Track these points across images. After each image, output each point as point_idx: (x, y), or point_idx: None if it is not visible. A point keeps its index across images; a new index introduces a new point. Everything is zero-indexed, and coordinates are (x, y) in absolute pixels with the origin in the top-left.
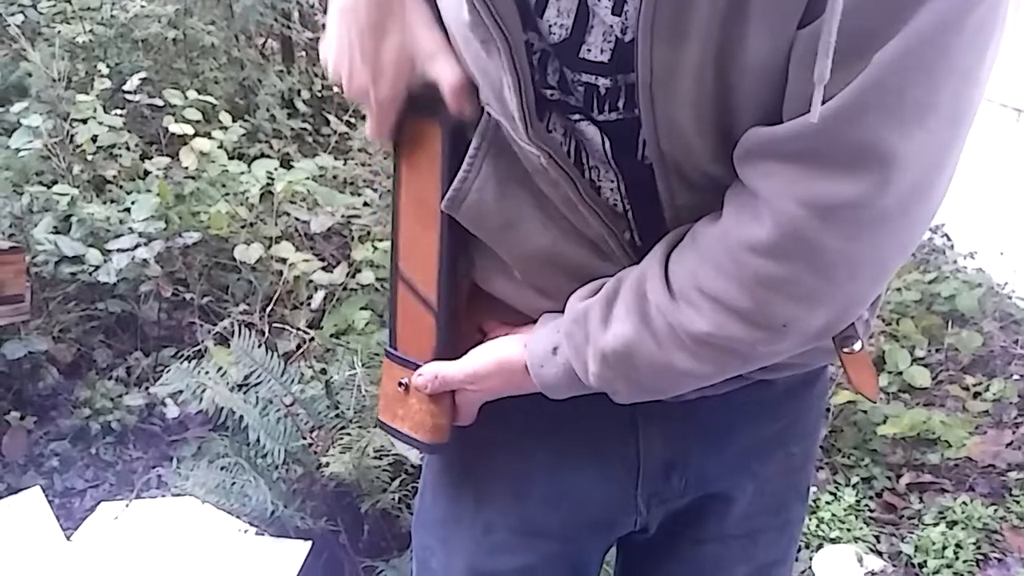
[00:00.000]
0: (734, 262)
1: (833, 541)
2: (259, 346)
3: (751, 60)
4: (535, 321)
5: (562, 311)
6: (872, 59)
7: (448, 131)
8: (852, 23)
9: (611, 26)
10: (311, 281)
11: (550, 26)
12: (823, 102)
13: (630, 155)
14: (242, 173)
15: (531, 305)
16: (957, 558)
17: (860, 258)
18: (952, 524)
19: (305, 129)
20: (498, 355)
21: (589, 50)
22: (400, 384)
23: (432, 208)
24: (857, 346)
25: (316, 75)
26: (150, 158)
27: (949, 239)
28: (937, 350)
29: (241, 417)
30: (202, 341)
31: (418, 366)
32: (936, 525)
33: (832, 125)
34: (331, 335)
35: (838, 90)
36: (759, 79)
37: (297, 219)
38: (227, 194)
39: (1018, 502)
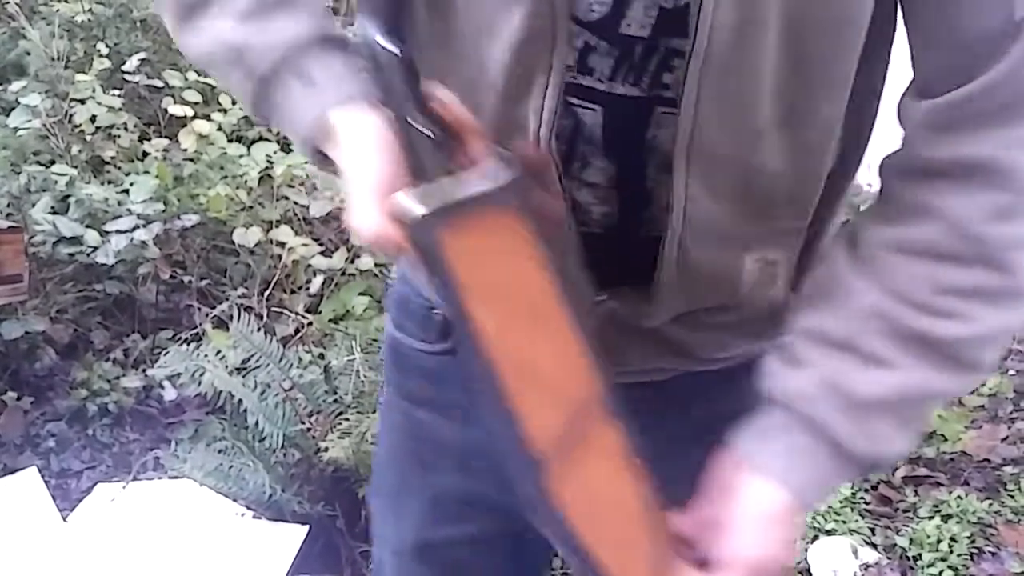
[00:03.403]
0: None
1: (828, 533)
2: (257, 330)
3: (829, 13)
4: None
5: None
6: None
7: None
8: None
9: None
10: (310, 265)
11: (590, 4)
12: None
13: (633, 139)
14: (241, 156)
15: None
16: (951, 551)
17: None
18: (947, 518)
19: None
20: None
21: (629, 25)
22: None
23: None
24: None
25: None
26: (149, 139)
27: None
28: None
29: (239, 401)
30: (200, 324)
31: None
32: (931, 518)
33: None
34: (329, 320)
35: None
36: (835, 39)
37: (296, 203)
38: (226, 177)
39: (1012, 497)
